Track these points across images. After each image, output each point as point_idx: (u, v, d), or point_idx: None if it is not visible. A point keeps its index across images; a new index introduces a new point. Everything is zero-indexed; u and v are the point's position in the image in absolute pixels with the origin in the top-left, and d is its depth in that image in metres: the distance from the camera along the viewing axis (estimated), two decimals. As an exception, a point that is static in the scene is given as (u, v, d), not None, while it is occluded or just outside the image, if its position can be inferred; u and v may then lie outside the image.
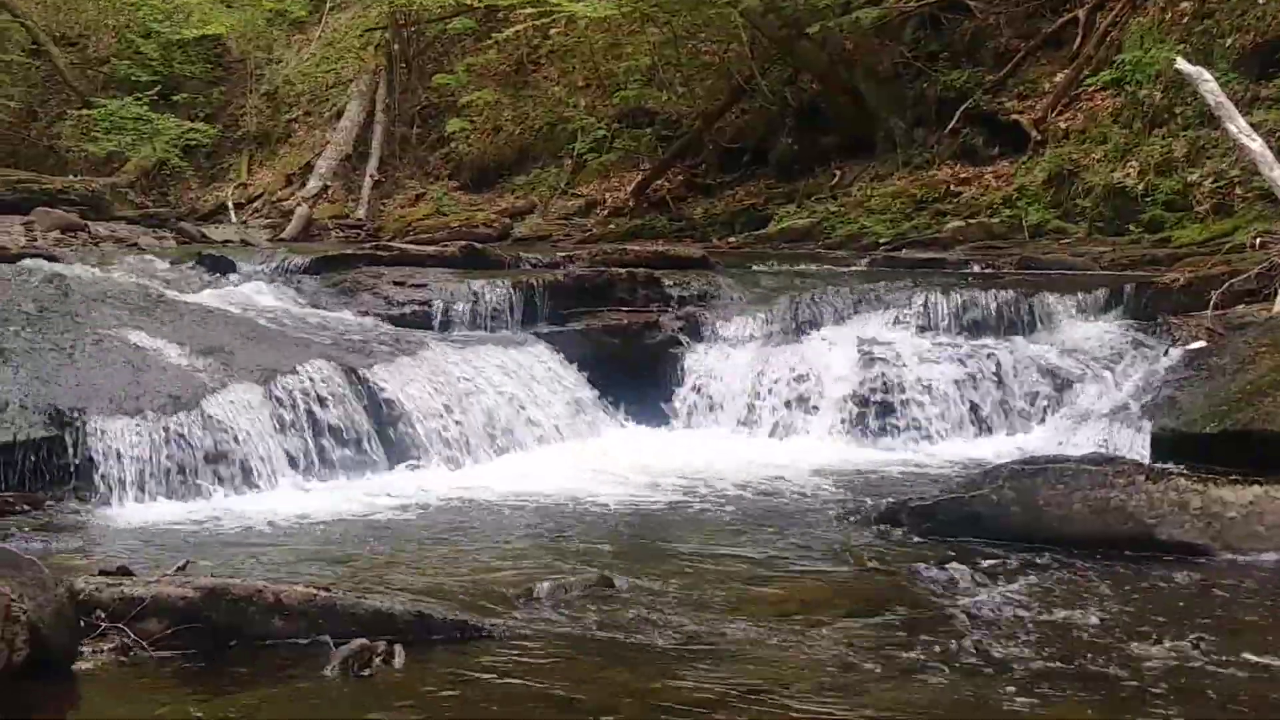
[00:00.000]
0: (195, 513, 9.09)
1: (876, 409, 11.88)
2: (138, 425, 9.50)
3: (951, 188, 19.30)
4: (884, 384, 11.96)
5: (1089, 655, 6.08)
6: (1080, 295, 13.06)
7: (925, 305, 12.89)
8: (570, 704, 5.52)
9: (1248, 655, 6.07)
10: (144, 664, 5.83)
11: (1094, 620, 6.61)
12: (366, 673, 5.76)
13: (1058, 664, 5.97)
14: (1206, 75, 13.07)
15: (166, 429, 9.56)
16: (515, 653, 6.07)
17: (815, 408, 12.02)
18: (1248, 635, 6.42)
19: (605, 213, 23.58)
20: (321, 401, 10.42)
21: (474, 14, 26.51)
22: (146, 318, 11.30)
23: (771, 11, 21.39)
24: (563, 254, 16.48)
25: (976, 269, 15.42)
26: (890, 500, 8.99)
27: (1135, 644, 6.24)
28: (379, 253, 15.13)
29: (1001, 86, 20.27)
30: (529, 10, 23.15)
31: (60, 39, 32.75)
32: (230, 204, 27.88)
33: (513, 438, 11.20)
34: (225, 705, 5.50)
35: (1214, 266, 13.04)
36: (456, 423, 10.93)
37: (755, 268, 15.75)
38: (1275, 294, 11.77)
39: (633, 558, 7.91)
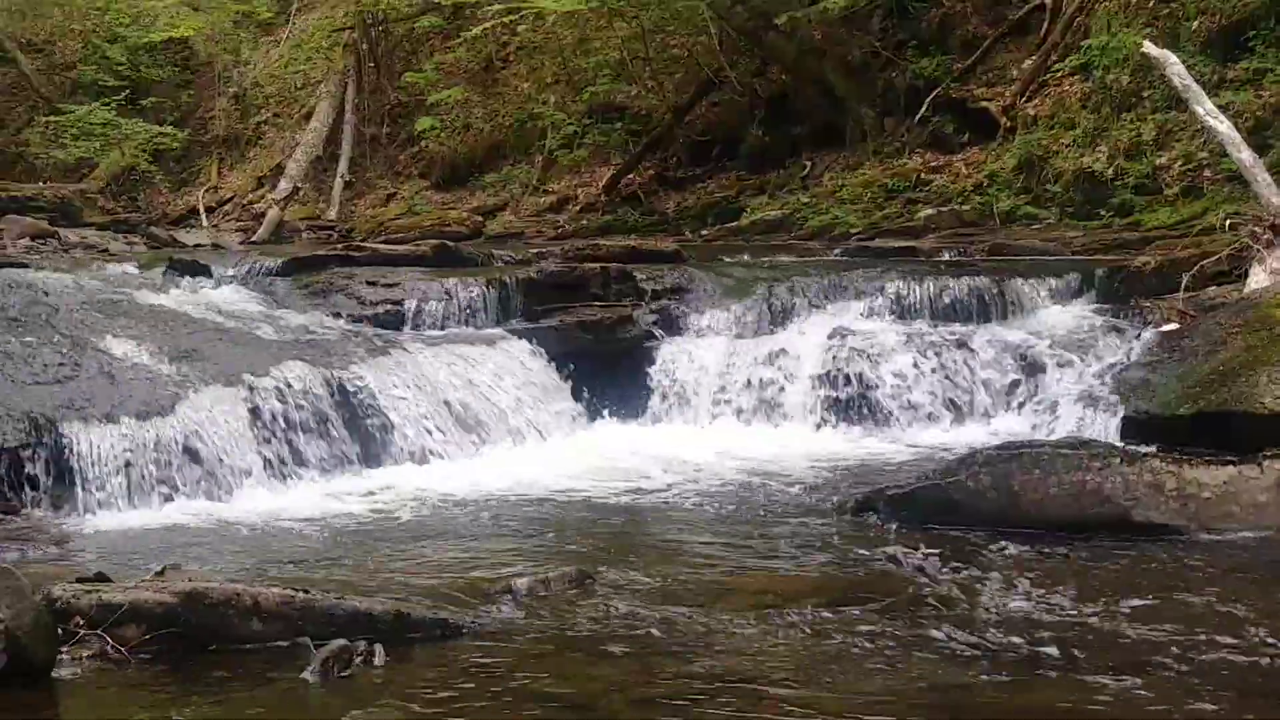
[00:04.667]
0: (171, 517, 9.08)
1: (851, 398, 11.91)
2: (112, 431, 9.47)
3: (922, 176, 19.33)
4: (859, 373, 11.98)
5: (1068, 638, 6.10)
6: (1052, 280, 13.09)
7: (898, 294, 12.92)
8: (551, 699, 5.51)
9: (1225, 633, 6.11)
10: (123, 670, 5.82)
11: (1072, 603, 6.63)
12: (347, 673, 5.76)
13: (1036, 648, 5.99)
14: (1173, 58, 13.11)
15: (141, 434, 9.53)
16: (495, 649, 6.08)
17: (790, 398, 12.04)
18: (1224, 613, 6.45)
19: (577, 208, 23.60)
20: (296, 403, 10.41)
21: (442, 12, 26.47)
22: (119, 324, 11.25)
23: (739, 3, 21.46)
24: (535, 250, 16.49)
25: (949, 256, 15.43)
26: (866, 489, 9.01)
27: (1112, 625, 6.27)
28: (351, 253, 15.07)
29: (970, 74, 20.34)
30: (496, 7, 23.13)
31: (26, 45, 32.58)
32: (201, 208, 27.81)
33: (488, 435, 11.18)
34: (205, 709, 5.49)
35: (1185, 249, 13.09)
36: (431, 421, 10.93)
37: (728, 260, 15.74)
38: (1246, 275, 11.81)
39: (611, 552, 7.92)
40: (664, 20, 23.52)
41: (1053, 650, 5.95)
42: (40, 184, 28.06)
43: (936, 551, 7.57)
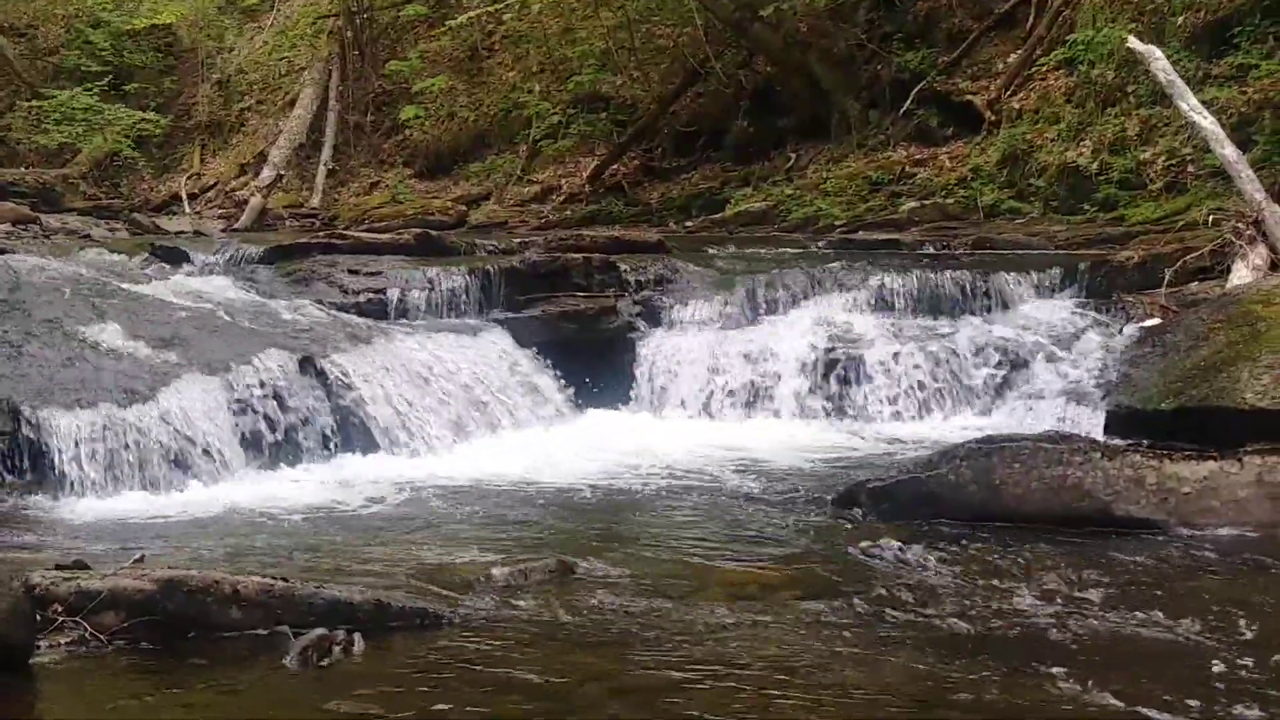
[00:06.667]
0: (152, 505, 9.03)
1: (834, 391, 11.91)
2: (92, 418, 9.42)
3: (906, 169, 19.37)
4: (841, 366, 11.99)
5: (1044, 632, 6.11)
6: (1035, 275, 13.11)
7: (882, 287, 12.92)
8: (531, 689, 5.50)
9: (1201, 629, 6.12)
10: (102, 657, 5.79)
11: (1051, 598, 6.64)
12: (326, 662, 5.74)
13: (1015, 642, 6.00)
14: (1158, 53, 13.12)
15: (122, 421, 9.49)
16: (475, 639, 6.06)
17: (772, 391, 12.04)
18: (1201, 609, 6.45)
19: (561, 198, 23.58)
20: (278, 391, 10.37)
21: (426, 0, 26.44)
22: (100, 310, 11.19)
23: (724, -7, 21.45)
24: (519, 240, 16.46)
25: (932, 250, 15.46)
26: (848, 482, 9.01)
27: (1092, 620, 6.28)
28: (334, 241, 15.02)
29: (955, 67, 20.35)
30: (482, -5, 23.14)
31: (9, 29, 32.44)
32: (183, 195, 27.73)
33: (470, 424, 11.16)
34: (183, 697, 5.47)
35: (1168, 244, 13.13)
36: (413, 410, 10.90)
37: (712, 251, 15.74)
38: (1228, 271, 11.85)
39: (592, 542, 7.91)
40: (650, 10, 23.54)
41: (1029, 643, 5.96)
42: (22, 169, 27.99)
43: (917, 545, 7.58)
